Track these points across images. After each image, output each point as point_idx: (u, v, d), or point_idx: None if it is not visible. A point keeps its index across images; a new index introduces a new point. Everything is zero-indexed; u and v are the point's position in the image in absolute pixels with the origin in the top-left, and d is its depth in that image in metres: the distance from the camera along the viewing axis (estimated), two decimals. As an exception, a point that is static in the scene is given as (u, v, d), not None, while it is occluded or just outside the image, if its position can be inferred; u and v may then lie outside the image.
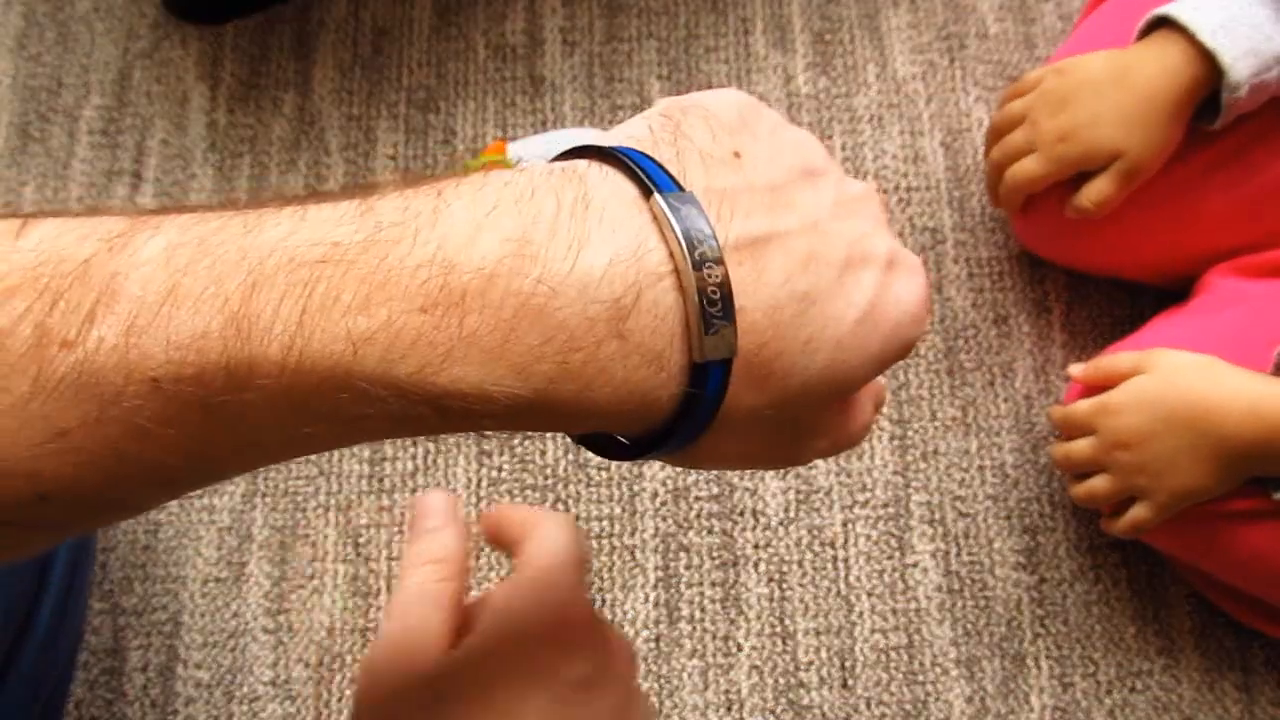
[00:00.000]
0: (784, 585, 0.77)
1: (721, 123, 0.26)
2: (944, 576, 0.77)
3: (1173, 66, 0.65)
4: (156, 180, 0.90)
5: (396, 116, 0.90)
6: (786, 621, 0.76)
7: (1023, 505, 0.78)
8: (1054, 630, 0.76)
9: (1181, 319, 0.73)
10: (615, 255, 0.23)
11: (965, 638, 0.76)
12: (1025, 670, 0.75)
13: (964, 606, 0.76)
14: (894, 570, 0.77)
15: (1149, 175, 0.68)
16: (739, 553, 0.78)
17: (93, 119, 0.92)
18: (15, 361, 0.21)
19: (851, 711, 0.75)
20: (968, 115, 0.87)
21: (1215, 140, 0.69)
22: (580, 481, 0.80)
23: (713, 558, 0.78)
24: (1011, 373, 0.81)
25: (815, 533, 0.78)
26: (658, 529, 0.78)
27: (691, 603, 0.77)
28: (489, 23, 0.93)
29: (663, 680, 0.76)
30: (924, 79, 0.89)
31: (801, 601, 0.77)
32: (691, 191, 0.24)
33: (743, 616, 0.76)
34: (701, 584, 0.77)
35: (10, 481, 0.21)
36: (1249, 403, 0.61)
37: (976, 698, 0.75)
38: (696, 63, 0.90)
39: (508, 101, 0.90)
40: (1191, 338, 0.68)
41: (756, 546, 0.78)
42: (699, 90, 0.95)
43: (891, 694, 0.75)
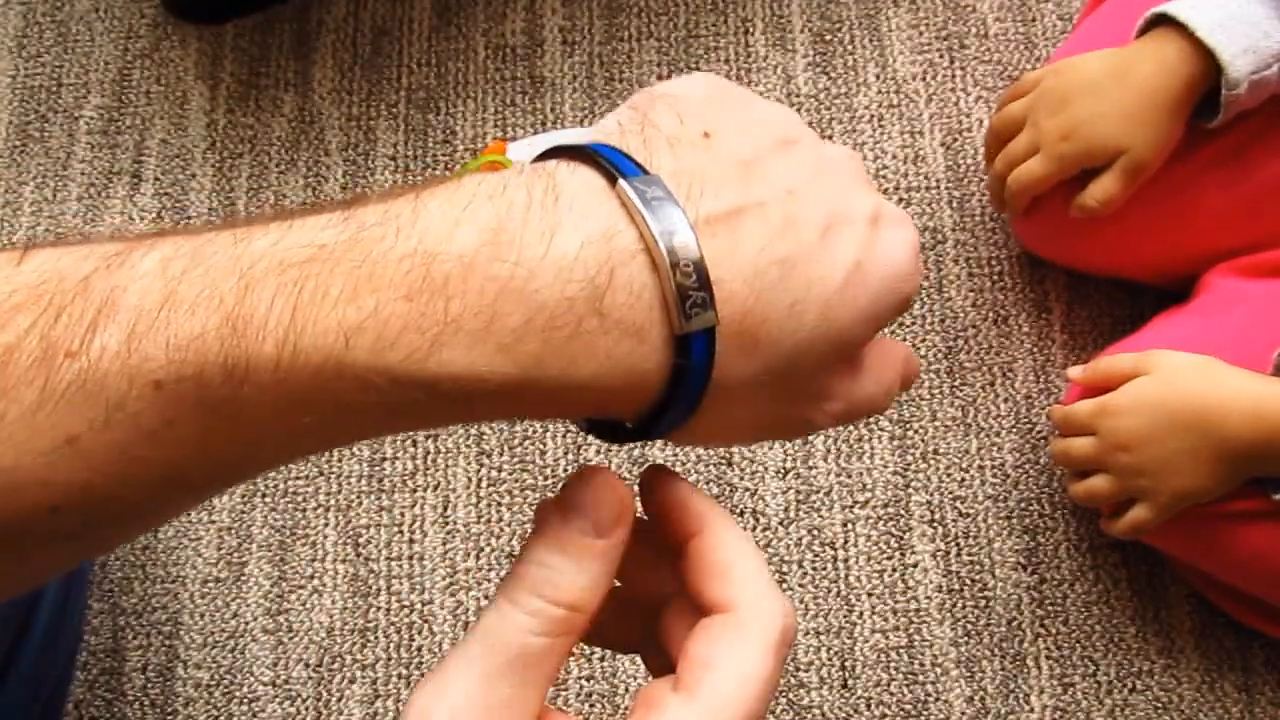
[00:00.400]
0: (784, 585, 0.77)
1: (689, 106, 0.27)
2: (944, 576, 0.77)
3: (1171, 63, 0.65)
4: (156, 180, 0.90)
5: (396, 116, 0.90)
6: (786, 621, 0.76)
7: (1023, 505, 0.78)
8: (1054, 630, 0.76)
9: (1181, 319, 0.73)
10: (586, 238, 0.24)
11: (965, 638, 0.76)
12: (1025, 670, 0.75)
13: (964, 606, 0.76)
14: (894, 570, 0.77)
15: (1151, 172, 0.68)
16: (739, 553, 0.78)
17: (92, 119, 0.92)
18: (23, 374, 0.22)
19: (851, 711, 0.75)
20: (968, 115, 0.87)
21: (1215, 138, 0.69)
22: (580, 481, 0.80)
23: (712, 558, 0.78)
24: (1011, 373, 0.81)
25: (815, 533, 0.78)
26: (657, 529, 0.78)
27: (691, 603, 0.77)
28: (489, 23, 0.93)
29: (662, 680, 0.75)
30: (924, 79, 0.89)
31: (801, 602, 0.77)
32: (658, 174, 0.25)
33: (742, 616, 0.76)
34: (701, 584, 0.77)
35: (22, 494, 0.22)
36: (1250, 403, 0.61)
37: (976, 698, 0.75)
38: (696, 63, 0.90)
39: (508, 101, 0.90)
40: (1191, 338, 0.68)
41: (756, 546, 0.78)
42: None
43: (891, 694, 0.75)
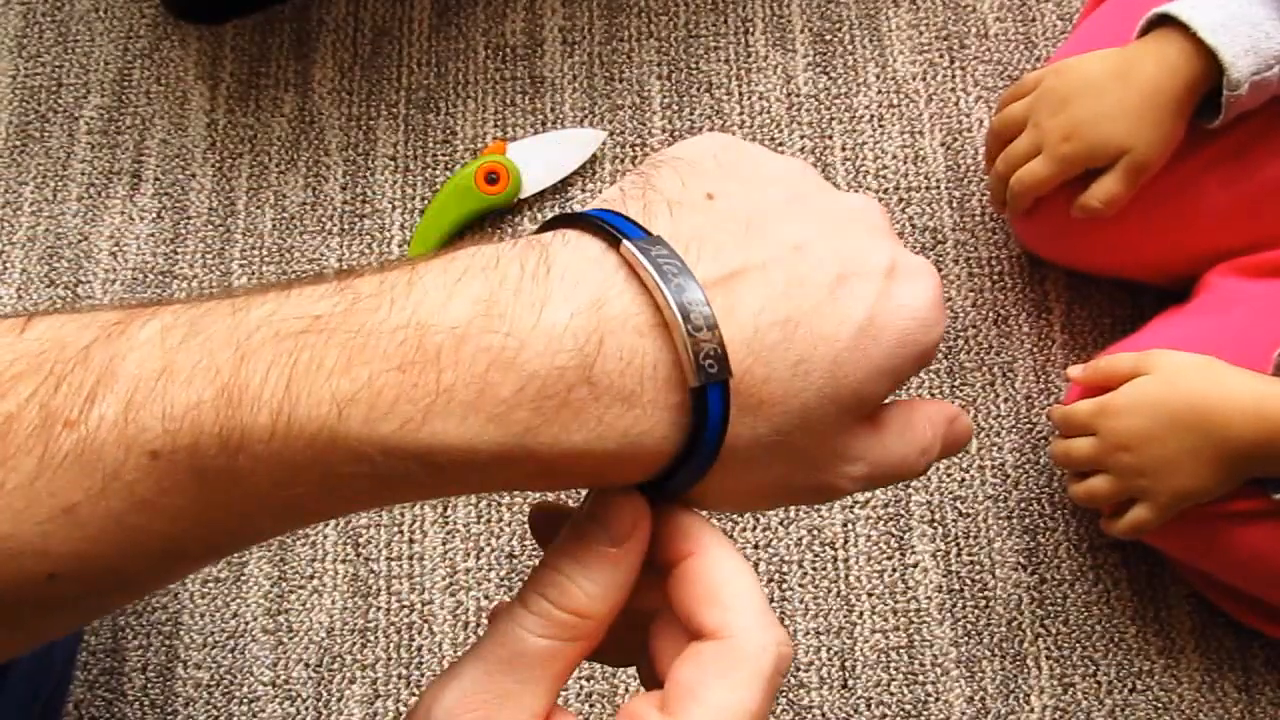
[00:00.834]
0: (784, 585, 0.77)
1: (694, 168, 0.27)
2: (944, 576, 0.77)
3: (1173, 63, 0.65)
4: (156, 180, 0.90)
5: (396, 116, 0.90)
6: (786, 622, 0.76)
7: (1023, 505, 0.78)
8: (1054, 630, 0.76)
9: (1182, 319, 0.73)
10: (576, 309, 0.24)
11: (965, 638, 0.76)
12: (1025, 670, 0.75)
13: (964, 606, 0.76)
14: (894, 570, 0.77)
15: (1153, 172, 0.68)
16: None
17: (92, 119, 0.92)
18: (22, 443, 0.22)
19: (851, 711, 0.75)
20: (968, 115, 0.87)
21: (1215, 138, 0.69)
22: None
23: (713, 558, 0.78)
24: (1011, 373, 0.81)
25: (815, 533, 0.78)
26: (658, 529, 0.78)
27: (691, 603, 0.77)
28: (489, 23, 0.93)
29: (663, 680, 0.75)
30: (924, 79, 0.89)
31: (801, 602, 0.77)
32: (659, 235, 0.25)
33: (743, 616, 0.76)
34: (701, 584, 0.77)
35: (20, 561, 0.22)
36: (1251, 403, 0.61)
37: (976, 698, 0.75)
38: (696, 63, 0.90)
39: (508, 101, 0.90)
40: (1192, 338, 0.68)
41: (756, 546, 0.78)
42: (698, 91, 0.95)
43: (891, 694, 0.75)
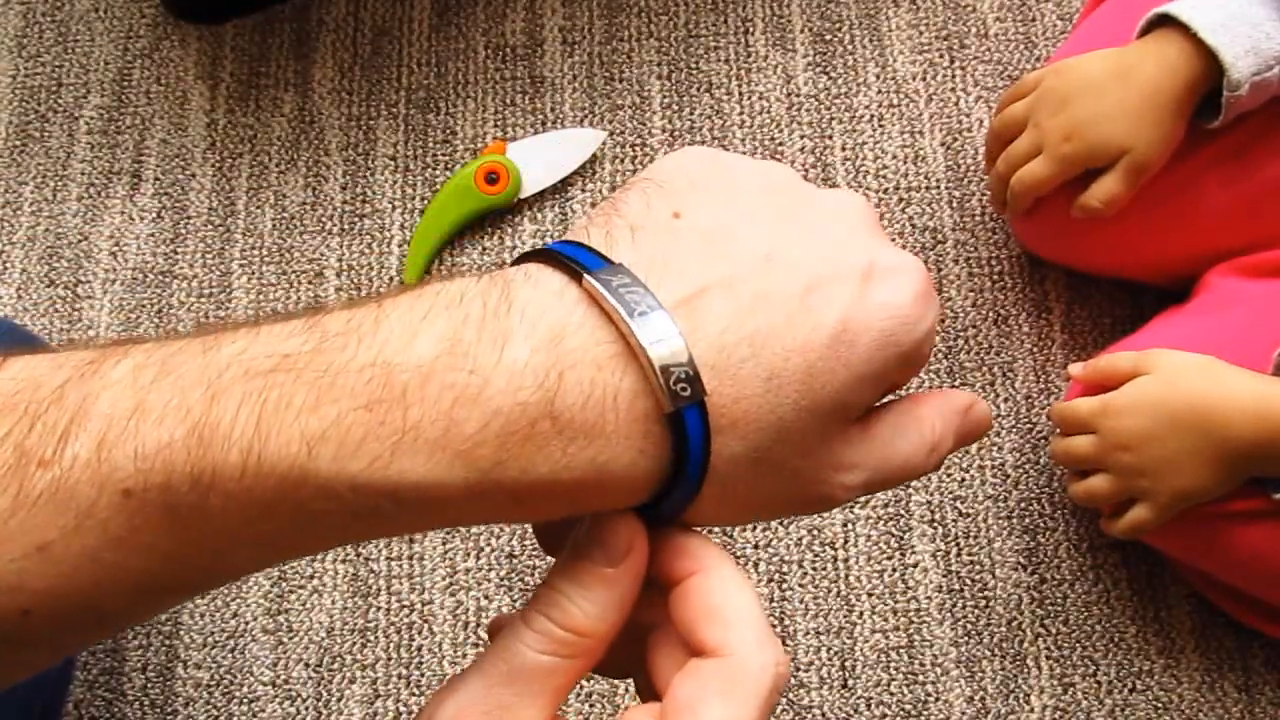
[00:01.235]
0: (784, 585, 0.77)
1: (662, 188, 0.27)
2: (944, 576, 0.77)
3: (1173, 63, 0.65)
4: (156, 180, 0.90)
5: (396, 116, 0.90)
6: (786, 621, 0.76)
7: (1023, 505, 0.78)
8: (1054, 630, 0.76)
9: (1182, 319, 0.73)
10: (535, 345, 0.24)
11: (965, 638, 0.76)
12: (1025, 670, 0.75)
13: (964, 606, 0.76)
14: (894, 570, 0.77)
15: (1154, 172, 0.68)
16: (739, 553, 0.78)
17: (92, 119, 0.92)
18: None
19: (851, 711, 0.75)
20: (968, 115, 0.87)
21: (1215, 138, 0.69)
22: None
23: (713, 558, 0.78)
24: (1011, 373, 0.81)
25: (815, 533, 0.78)
26: (658, 529, 0.78)
27: (691, 603, 0.77)
28: (489, 23, 0.93)
29: (663, 680, 0.75)
30: (924, 79, 0.89)
31: (801, 602, 0.77)
32: (621, 263, 0.25)
33: (743, 616, 0.76)
34: (701, 584, 0.77)
35: None
36: (1251, 403, 0.61)
37: (976, 698, 0.75)
38: (696, 63, 0.90)
39: (508, 101, 0.90)
40: (1192, 338, 0.68)
41: (756, 546, 0.78)
42: (698, 91, 0.95)
43: (891, 694, 0.75)
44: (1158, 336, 0.71)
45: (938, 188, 0.86)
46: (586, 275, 0.24)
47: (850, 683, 0.75)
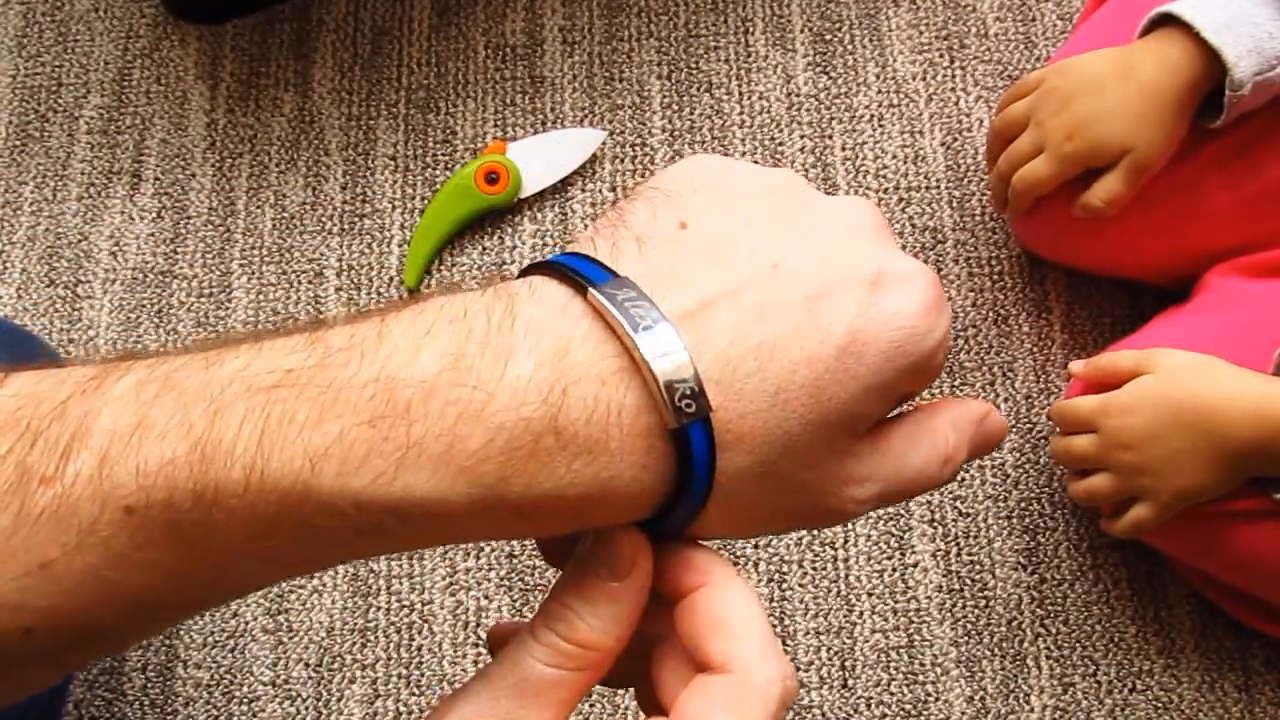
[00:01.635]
0: (784, 585, 0.77)
1: (669, 197, 0.27)
2: (944, 576, 0.77)
3: (1175, 63, 0.65)
4: (156, 180, 0.90)
5: (396, 116, 0.90)
6: (786, 621, 0.76)
7: (1023, 505, 0.78)
8: (1054, 630, 0.76)
9: (1182, 319, 0.73)
10: (539, 361, 0.24)
11: (965, 638, 0.76)
12: (1025, 670, 0.75)
13: (964, 606, 0.76)
14: (894, 570, 0.77)
15: (1155, 172, 0.68)
16: (739, 553, 0.78)
17: (92, 118, 0.92)
18: None
19: (851, 711, 0.75)
20: (968, 115, 0.87)
21: (1217, 138, 0.69)
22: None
23: (713, 558, 0.78)
24: (1011, 373, 0.81)
25: (815, 533, 0.78)
26: (658, 529, 0.78)
27: (692, 603, 0.77)
28: (489, 23, 0.93)
29: (663, 680, 0.75)
30: (924, 79, 0.89)
31: (801, 602, 0.77)
32: (627, 276, 0.25)
33: (743, 616, 0.76)
34: (702, 584, 0.77)
35: None
36: (1252, 403, 0.61)
37: (976, 698, 0.75)
38: (696, 62, 0.90)
39: (508, 101, 0.90)
40: (1192, 337, 0.68)
41: (756, 546, 0.78)
42: (698, 91, 0.95)
43: (891, 694, 0.75)
44: (1158, 336, 0.71)
45: (938, 188, 0.86)
46: (591, 289, 0.24)
47: (850, 683, 0.75)
